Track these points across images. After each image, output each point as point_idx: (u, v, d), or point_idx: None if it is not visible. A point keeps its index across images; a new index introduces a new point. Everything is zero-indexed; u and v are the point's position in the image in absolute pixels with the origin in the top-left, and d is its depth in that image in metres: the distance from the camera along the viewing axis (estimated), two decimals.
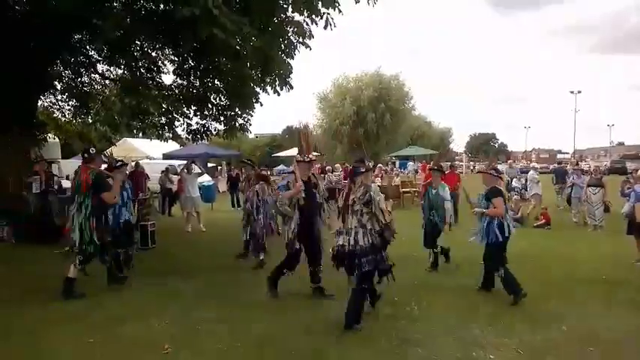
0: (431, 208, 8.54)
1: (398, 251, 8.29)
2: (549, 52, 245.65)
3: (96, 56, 13.34)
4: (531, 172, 18.28)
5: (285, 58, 11.04)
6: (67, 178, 15.67)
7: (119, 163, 7.96)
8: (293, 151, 32.10)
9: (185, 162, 14.21)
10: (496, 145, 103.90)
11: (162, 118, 14.68)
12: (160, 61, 13.59)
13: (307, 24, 10.41)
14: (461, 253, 8.68)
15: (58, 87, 14.39)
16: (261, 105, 12.78)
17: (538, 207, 15.24)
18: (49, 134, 16.12)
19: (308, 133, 7.15)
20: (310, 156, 6.76)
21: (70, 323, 5.75)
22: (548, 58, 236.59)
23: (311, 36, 10.78)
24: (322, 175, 21.54)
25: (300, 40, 10.93)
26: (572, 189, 14.93)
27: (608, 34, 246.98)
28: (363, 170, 5.79)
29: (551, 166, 43.03)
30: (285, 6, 10.04)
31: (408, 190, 20.01)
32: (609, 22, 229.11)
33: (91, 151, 6.92)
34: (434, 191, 8.56)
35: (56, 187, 12.91)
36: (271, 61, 10.42)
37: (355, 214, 5.68)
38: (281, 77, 11.28)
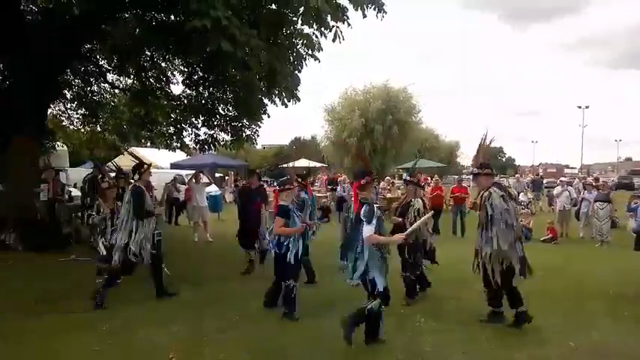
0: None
1: None
2: (559, 65, 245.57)
3: (106, 65, 13.47)
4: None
5: (292, 70, 11.07)
6: (75, 186, 15.73)
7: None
8: (299, 163, 32.12)
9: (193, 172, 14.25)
10: (503, 159, 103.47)
11: (171, 127, 14.77)
12: (169, 72, 13.70)
13: (316, 36, 10.44)
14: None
15: (68, 95, 14.49)
16: (269, 116, 12.85)
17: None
18: (58, 142, 16.24)
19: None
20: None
21: (77, 331, 5.75)
22: (558, 72, 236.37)
23: (320, 48, 10.80)
24: (330, 187, 21.56)
25: (310, 52, 10.95)
26: (581, 203, 14.81)
27: (619, 49, 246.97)
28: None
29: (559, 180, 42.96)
30: (294, 19, 10.07)
31: None
32: (621, 36, 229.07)
33: None
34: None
35: (67, 196, 12.96)
36: (279, 74, 10.45)
37: None
38: (288, 89, 11.30)
